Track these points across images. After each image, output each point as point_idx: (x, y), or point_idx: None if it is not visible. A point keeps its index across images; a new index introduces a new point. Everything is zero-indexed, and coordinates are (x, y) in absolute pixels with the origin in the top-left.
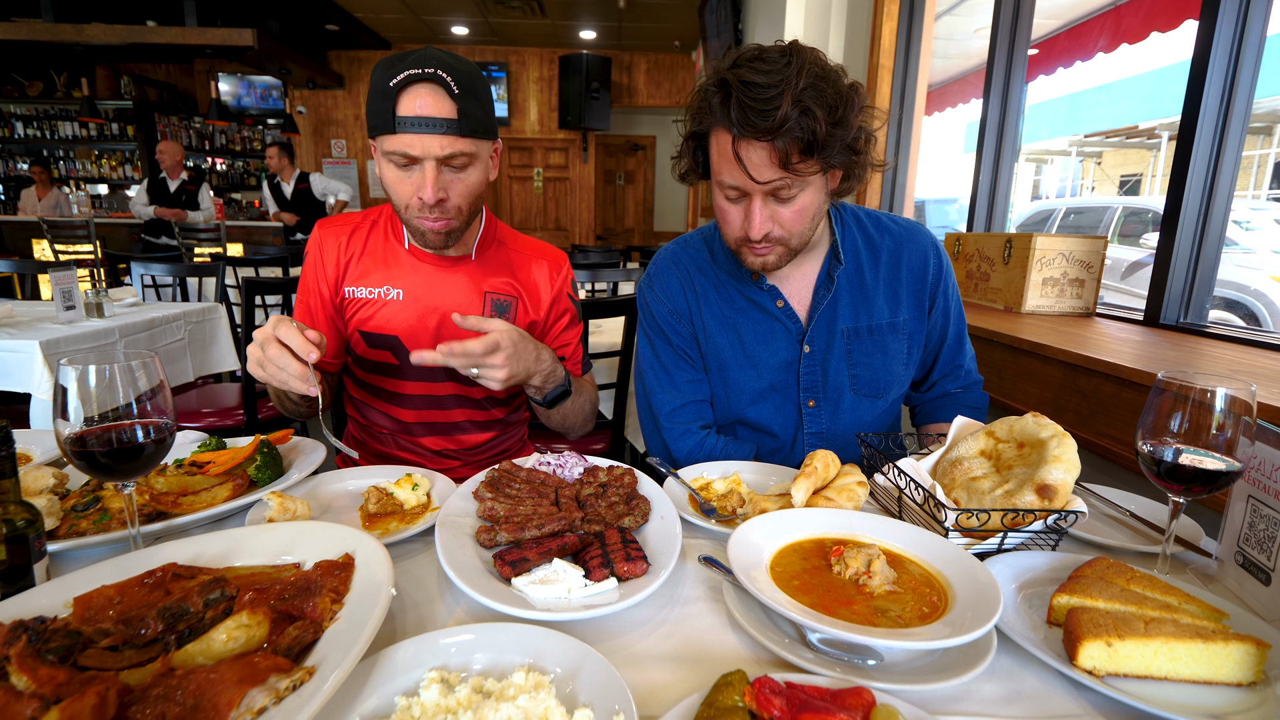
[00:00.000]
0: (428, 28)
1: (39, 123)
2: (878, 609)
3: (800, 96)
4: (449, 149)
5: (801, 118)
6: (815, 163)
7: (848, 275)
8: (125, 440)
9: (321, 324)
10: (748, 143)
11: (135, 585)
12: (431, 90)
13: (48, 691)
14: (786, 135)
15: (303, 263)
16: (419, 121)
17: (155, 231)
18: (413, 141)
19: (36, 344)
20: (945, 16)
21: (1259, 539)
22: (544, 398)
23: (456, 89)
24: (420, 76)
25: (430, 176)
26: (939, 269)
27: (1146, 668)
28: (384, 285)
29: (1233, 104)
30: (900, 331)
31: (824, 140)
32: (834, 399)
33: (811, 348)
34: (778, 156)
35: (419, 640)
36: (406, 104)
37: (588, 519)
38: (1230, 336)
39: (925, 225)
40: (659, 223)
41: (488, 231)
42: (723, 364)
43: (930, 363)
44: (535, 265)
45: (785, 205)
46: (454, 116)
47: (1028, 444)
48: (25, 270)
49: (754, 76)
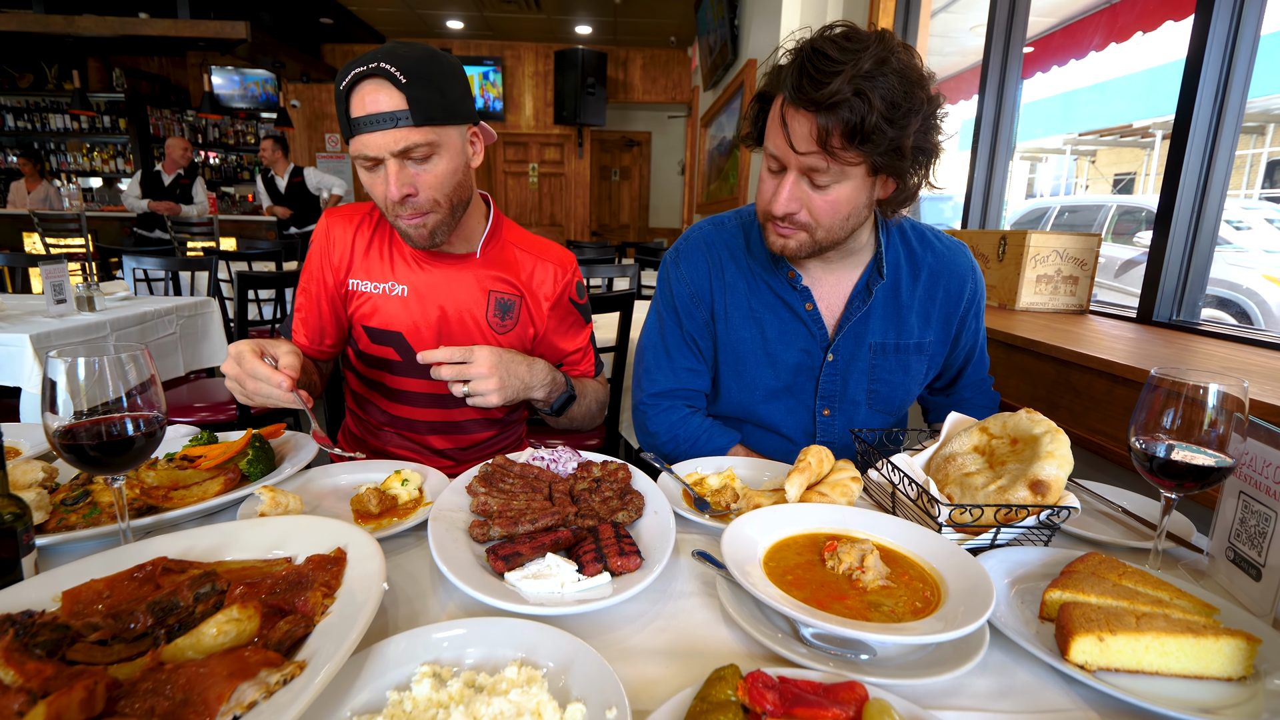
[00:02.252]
0: (422, 21)
1: (30, 115)
2: (871, 604)
3: (860, 78)
4: (403, 142)
5: (854, 98)
6: (857, 152)
7: (884, 289)
8: (115, 434)
9: (324, 310)
10: (795, 110)
11: (125, 579)
12: (376, 84)
13: (35, 686)
14: (832, 112)
15: (306, 251)
16: (367, 120)
17: (148, 225)
18: (367, 141)
19: (27, 337)
20: (941, 14)
21: (1250, 535)
22: (551, 408)
23: (403, 78)
24: (365, 73)
25: (391, 173)
26: (974, 294)
27: (1138, 662)
28: (388, 281)
29: (1226, 103)
30: (924, 353)
31: (870, 130)
32: (849, 410)
33: (836, 357)
34: (818, 132)
35: (411, 635)
36: (356, 104)
37: (581, 514)
38: (1223, 334)
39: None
40: (654, 219)
41: (494, 229)
42: (741, 357)
43: (953, 378)
44: (541, 265)
45: (819, 192)
46: (402, 107)
47: (1021, 440)
48: (16, 263)
49: (828, 48)
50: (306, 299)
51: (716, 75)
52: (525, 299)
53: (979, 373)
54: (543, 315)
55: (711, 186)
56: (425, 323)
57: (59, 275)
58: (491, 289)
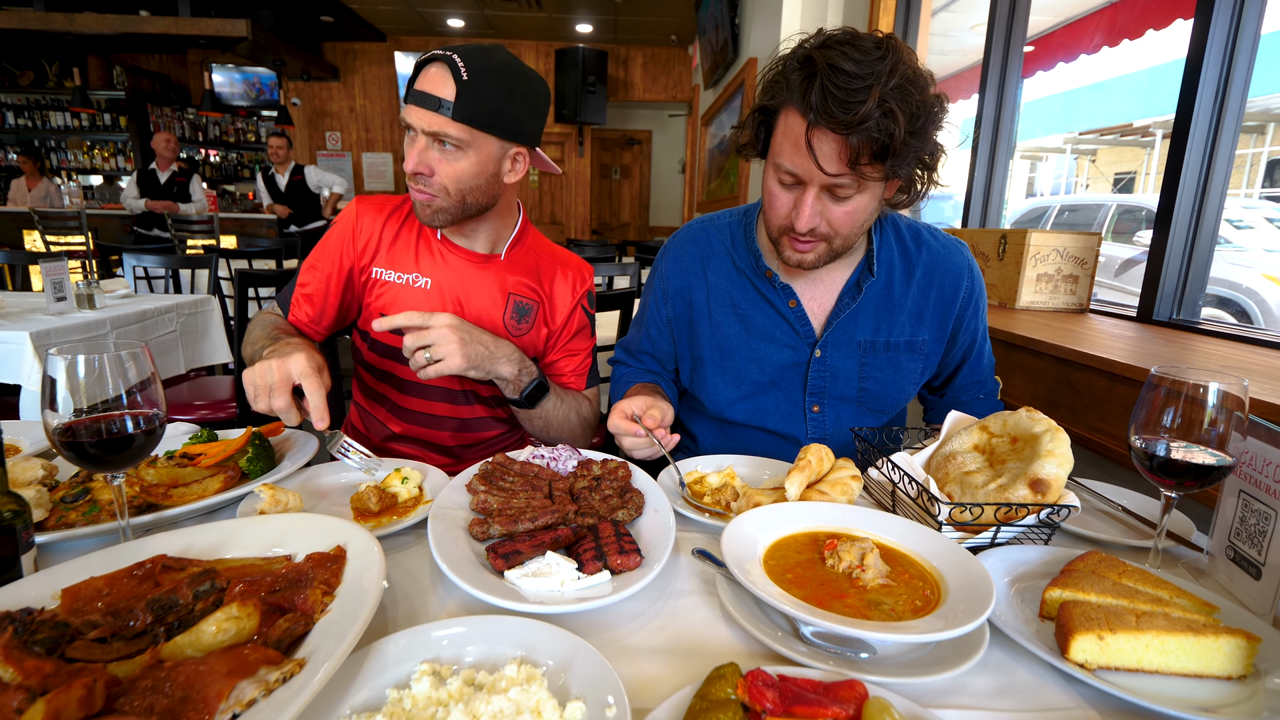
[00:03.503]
0: (423, 19)
1: (30, 113)
2: (871, 602)
3: (887, 95)
4: (435, 126)
5: (883, 119)
6: (882, 168)
7: (876, 287)
8: (115, 431)
9: (332, 292)
10: (822, 131)
11: (124, 577)
12: (441, 70)
13: (34, 683)
14: (863, 133)
15: (307, 248)
16: (419, 95)
17: (147, 224)
18: (411, 111)
19: (27, 335)
20: (941, 13)
21: (1250, 533)
22: (521, 393)
23: (465, 74)
24: (439, 57)
25: (418, 147)
26: (970, 292)
27: (1138, 661)
28: (413, 272)
29: (1226, 102)
30: (918, 351)
31: (899, 147)
32: (838, 407)
33: (824, 353)
34: (849, 153)
35: (411, 633)
36: (420, 78)
37: (581, 512)
38: (1222, 333)
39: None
40: (655, 217)
41: (520, 234)
42: (726, 353)
43: (948, 377)
44: (560, 274)
45: (839, 204)
46: (450, 98)
47: (1021, 439)
48: (16, 261)
49: (844, 63)
50: (314, 277)
51: (717, 74)
52: (543, 305)
53: (976, 373)
54: (557, 323)
55: (712, 185)
56: None
57: (59, 273)
58: (512, 291)
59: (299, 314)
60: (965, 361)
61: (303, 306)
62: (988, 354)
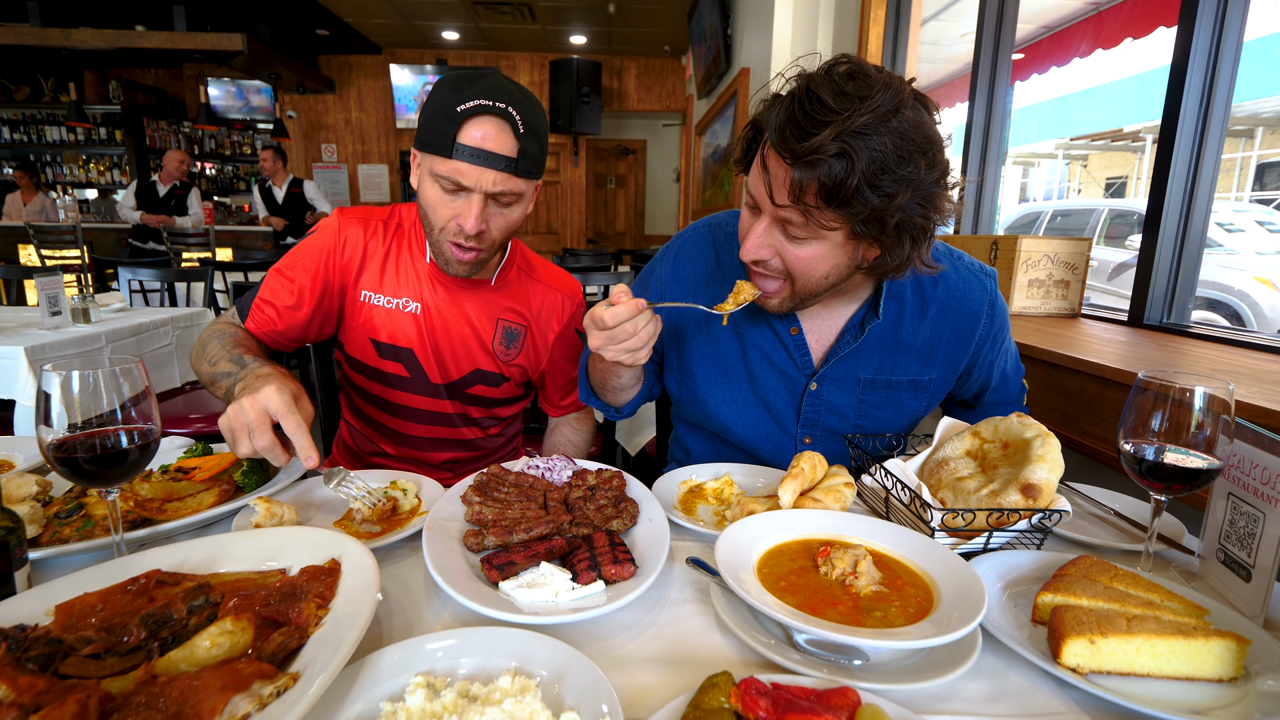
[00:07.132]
0: (418, 32)
1: (26, 127)
2: (864, 609)
3: (848, 134)
4: (501, 186)
5: (834, 158)
6: (835, 214)
7: (883, 326)
8: (109, 446)
9: (305, 304)
10: (775, 157)
11: (118, 592)
12: (497, 125)
13: (27, 700)
14: (810, 168)
15: (302, 240)
16: (479, 154)
17: (143, 236)
18: (467, 171)
19: (21, 350)
20: (931, 22)
21: (1239, 536)
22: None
23: (522, 128)
24: (490, 109)
25: (476, 208)
26: (989, 329)
27: (1129, 665)
28: (403, 296)
29: (1211, 107)
30: (922, 390)
31: (849, 195)
32: (830, 442)
33: (819, 387)
34: (793, 185)
35: (405, 645)
36: (469, 133)
37: (576, 522)
38: (1212, 336)
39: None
40: (650, 226)
41: (510, 259)
42: (723, 369)
43: (969, 399)
44: (549, 297)
45: (794, 245)
46: (514, 156)
47: (1012, 444)
48: (11, 275)
49: (824, 93)
50: (285, 286)
51: (710, 84)
52: (531, 329)
53: (1003, 395)
54: (547, 344)
55: (706, 193)
56: (434, 342)
57: (54, 287)
58: (500, 317)
59: (260, 320)
60: (985, 390)
61: (266, 313)
62: (1014, 378)
